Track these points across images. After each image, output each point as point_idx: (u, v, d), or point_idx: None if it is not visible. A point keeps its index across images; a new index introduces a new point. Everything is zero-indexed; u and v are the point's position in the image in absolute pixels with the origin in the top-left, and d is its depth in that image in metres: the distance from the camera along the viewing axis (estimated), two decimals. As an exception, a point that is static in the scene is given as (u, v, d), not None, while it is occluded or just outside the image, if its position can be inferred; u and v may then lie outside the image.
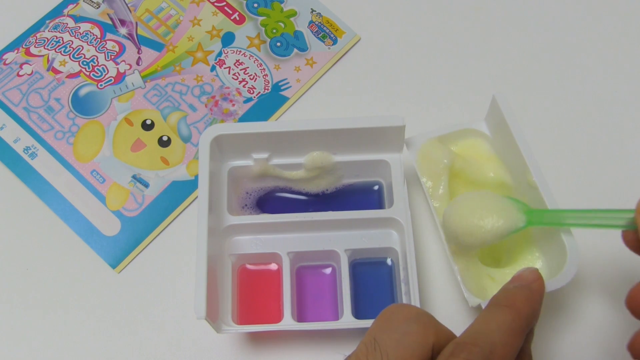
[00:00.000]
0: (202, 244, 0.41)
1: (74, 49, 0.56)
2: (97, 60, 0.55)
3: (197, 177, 0.45)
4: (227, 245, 0.46)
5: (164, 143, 0.52)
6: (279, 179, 0.48)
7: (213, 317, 0.40)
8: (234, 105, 0.54)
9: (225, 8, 0.57)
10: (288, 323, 0.43)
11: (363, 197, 0.49)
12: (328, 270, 0.47)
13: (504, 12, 0.58)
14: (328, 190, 0.49)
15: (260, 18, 0.57)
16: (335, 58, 0.56)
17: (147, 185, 0.51)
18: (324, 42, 0.56)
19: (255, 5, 0.58)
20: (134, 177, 0.51)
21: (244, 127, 0.45)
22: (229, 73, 0.55)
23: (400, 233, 0.45)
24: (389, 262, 0.47)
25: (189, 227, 0.50)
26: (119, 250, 0.49)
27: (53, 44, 0.56)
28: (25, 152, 0.52)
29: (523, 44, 0.56)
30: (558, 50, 0.56)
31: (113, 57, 0.55)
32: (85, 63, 0.55)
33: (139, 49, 0.56)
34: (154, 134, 0.53)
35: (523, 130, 0.44)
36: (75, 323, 0.47)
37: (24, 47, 0.56)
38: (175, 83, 0.54)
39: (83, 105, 0.54)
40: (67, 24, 0.57)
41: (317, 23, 0.57)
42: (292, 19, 0.57)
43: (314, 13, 0.57)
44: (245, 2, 0.58)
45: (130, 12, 0.57)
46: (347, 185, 0.49)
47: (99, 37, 0.56)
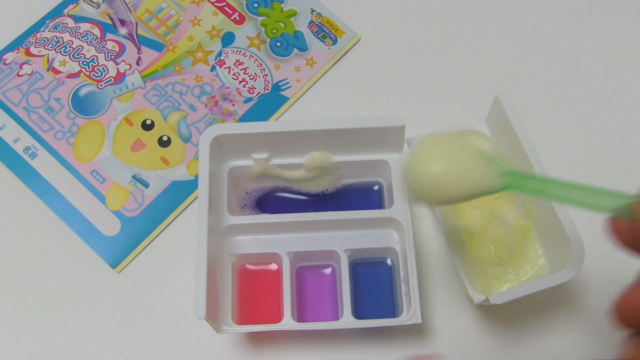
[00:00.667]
0: (202, 244, 0.41)
1: (74, 49, 0.56)
2: (97, 60, 0.55)
3: (197, 177, 0.45)
4: (227, 245, 0.46)
5: (164, 143, 0.52)
6: (279, 179, 0.48)
7: (213, 317, 0.40)
8: (234, 105, 0.54)
9: (225, 8, 0.57)
10: (288, 323, 0.43)
11: (363, 197, 0.49)
12: (328, 270, 0.47)
13: (504, 12, 0.58)
14: (328, 190, 0.49)
15: (260, 18, 0.57)
16: (335, 58, 0.56)
17: (147, 185, 0.51)
18: (324, 42, 0.56)
19: (255, 5, 0.58)
20: (134, 177, 0.51)
21: (244, 127, 0.45)
22: (229, 73, 0.55)
23: (400, 233, 0.45)
24: (389, 262, 0.47)
25: (189, 227, 0.50)
26: (119, 250, 0.49)
27: (53, 44, 0.56)
28: (25, 152, 0.52)
29: (523, 45, 0.56)
30: (558, 51, 0.56)
31: (113, 57, 0.55)
32: (85, 63, 0.55)
33: (139, 49, 0.56)
34: (154, 134, 0.53)
35: (525, 129, 0.44)
36: (75, 323, 0.47)
37: (24, 47, 0.56)
38: (175, 83, 0.54)
39: (83, 105, 0.54)
40: (67, 24, 0.57)
41: (317, 23, 0.57)
42: (292, 19, 0.57)
43: (314, 13, 0.57)
44: (245, 2, 0.58)
45: (130, 12, 0.57)
46: (347, 185, 0.49)
47: (99, 37, 0.56)
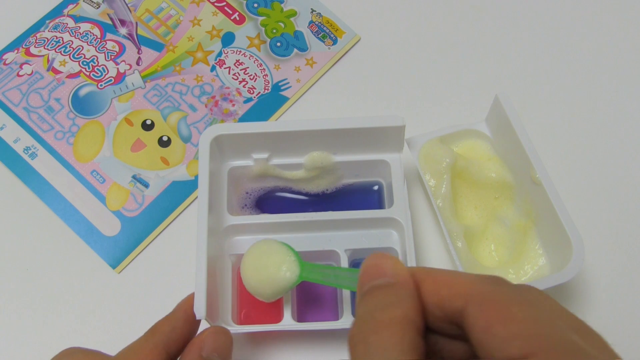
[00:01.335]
0: (202, 244, 0.41)
1: (74, 49, 0.56)
2: (97, 60, 0.55)
3: (197, 177, 0.45)
4: (227, 245, 0.46)
5: (164, 143, 0.52)
6: (279, 179, 0.48)
7: (213, 317, 0.40)
8: (234, 105, 0.54)
9: (225, 8, 0.57)
10: (288, 323, 0.42)
11: (363, 197, 0.49)
12: (328, 270, 0.47)
13: (504, 12, 0.58)
14: (328, 190, 0.49)
15: (260, 18, 0.57)
16: (335, 58, 0.56)
17: (147, 186, 0.51)
18: (324, 42, 0.56)
19: (255, 5, 0.58)
20: (134, 177, 0.51)
21: (244, 127, 0.45)
22: (229, 73, 0.55)
23: (400, 233, 0.45)
24: (389, 262, 0.46)
25: (189, 227, 0.50)
26: (119, 251, 0.49)
27: (53, 44, 0.56)
28: (25, 152, 0.52)
29: (523, 45, 0.56)
30: (558, 51, 0.56)
31: (113, 57, 0.55)
32: (85, 63, 0.55)
33: (139, 49, 0.56)
34: (154, 134, 0.53)
35: (525, 129, 0.44)
36: (75, 323, 0.47)
37: (24, 47, 0.56)
38: (175, 83, 0.54)
39: (83, 106, 0.54)
40: (67, 24, 0.57)
41: (317, 23, 0.57)
42: (292, 19, 0.57)
43: (314, 13, 0.57)
44: (245, 2, 0.58)
45: (130, 12, 0.57)
46: (347, 185, 0.49)
47: (99, 37, 0.56)
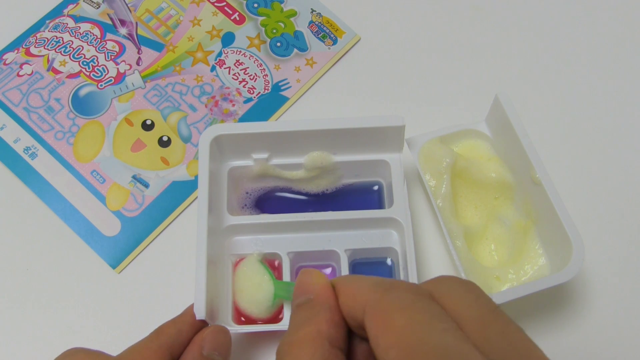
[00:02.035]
0: (202, 244, 0.41)
1: (74, 49, 0.56)
2: (97, 61, 0.55)
3: (197, 177, 0.45)
4: (227, 245, 0.46)
5: (164, 143, 0.52)
6: (279, 179, 0.48)
7: (213, 317, 0.40)
8: (234, 106, 0.54)
9: (225, 8, 0.57)
10: (288, 323, 0.42)
11: (363, 197, 0.49)
12: (328, 270, 0.47)
13: (504, 12, 0.58)
14: (328, 190, 0.49)
15: (260, 18, 0.57)
16: (335, 58, 0.56)
17: (147, 186, 0.51)
18: (324, 42, 0.56)
19: (255, 5, 0.58)
20: (134, 177, 0.51)
21: (244, 127, 0.45)
22: (229, 73, 0.55)
23: (400, 233, 0.45)
24: (389, 262, 0.47)
25: (189, 227, 0.50)
26: (119, 251, 0.49)
27: (53, 44, 0.56)
28: (26, 152, 0.52)
29: (523, 45, 0.56)
30: (558, 51, 0.56)
31: (113, 57, 0.55)
32: (85, 63, 0.55)
33: (139, 49, 0.56)
34: (154, 134, 0.53)
35: (525, 129, 0.44)
36: (75, 323, 0.47)
37: (24, 47, 0.56)
38: (175, 83, 0.54)
39: (83, 106, 0.54)
40: (67, 24, 0.57)
41: (317, 23, 0.57)
42: (292, 19, 0.57)
43: (314, 13, 0.57)
44: (245, 2, 0.58)
45: (130, 12, 0.57)
46: (347, 185, 0.49)
47: (99, 37, 0.56)
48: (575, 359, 0.45)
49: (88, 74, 0.55)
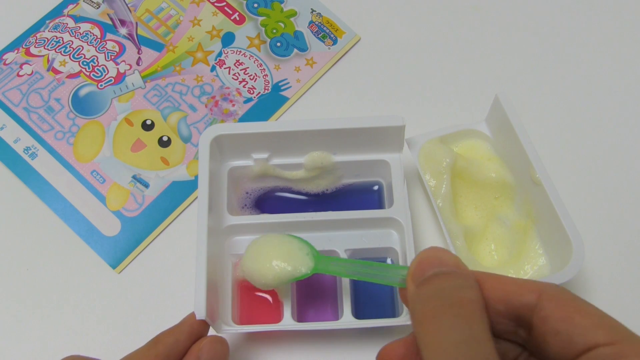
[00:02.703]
0: (202, 244, 0.41)
1: (74, 49, 0.56)
2: (97, 61, 0.55)
3: (197, 177, 0.45)
4: (227, 245, 0.46)
5: (164, 143, 0.52)
6: (279, 179, 0.48)
7: (213, 317, 0.40)
8: (234, 106, 0.54)
9: (225, 8, 0.57)
10: (288, 323, 0.42)
11: (363, 197, 0.49)
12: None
13: (504, 12, 0.58)
14: (328, 190, 0.49)
15: (260, 18, 0.57)
16: (335, 58, 0.56)
17: (147, 186, 0.51)
18: (324, 42, 0.56)
19: (255, 6, 0.58)
20: (134, 177, 0.51)
21: (244, 127, 0.45)
22: (229, 73, 0.55)
23: (400, 233, 0.45)
24: (389, 262, 0.47)
25: (189, 227, 0.50)
26: (119, 251, 0.49)
27: (53, 44, 0.56)
28: (26, 152, 0.52)
29: (523, 45, 0.56)
30: (558, 51, 0.56)
31: (113, 57, 0.55)
32: (85, 63, 0.55)
33: (139, 49, 0.56)
34: (154, 134, 0.53)
35: (525, 129, 0.44)
36: (75, 323, 0.47)
37: (24, 47, 0.56)
38: (175, 83, 0.54)
39: (83, 106, 0.54)
40: (67, 24, 0.57)
41: (317, 23, 0.57)
42: (292, 19, 0.57)
43: (314, 13, 0.57)
44: (245, 2, 0.58)
45: (130, 12, 0.57)
46: (347, 185, 0.49)
47: (99, 37, 0.56)
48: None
49: (88, 74, 0.55)
